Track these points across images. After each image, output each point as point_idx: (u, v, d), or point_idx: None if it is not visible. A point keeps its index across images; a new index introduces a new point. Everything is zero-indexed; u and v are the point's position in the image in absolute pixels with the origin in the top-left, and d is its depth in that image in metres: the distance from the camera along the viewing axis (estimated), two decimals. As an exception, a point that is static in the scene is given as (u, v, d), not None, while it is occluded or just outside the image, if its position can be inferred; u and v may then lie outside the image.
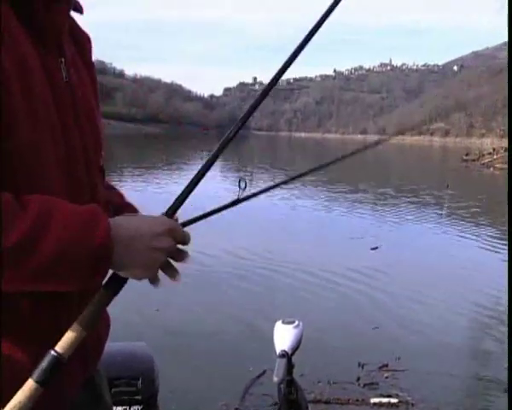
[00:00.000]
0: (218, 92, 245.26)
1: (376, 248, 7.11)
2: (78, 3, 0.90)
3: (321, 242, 7.76)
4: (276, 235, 8.13)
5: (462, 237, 8.42)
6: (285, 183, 1.03)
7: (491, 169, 23.20)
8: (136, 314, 4.24)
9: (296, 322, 2.13)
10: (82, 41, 0.93)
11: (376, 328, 4.24)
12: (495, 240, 8.16)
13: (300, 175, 1.05)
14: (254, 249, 6.85)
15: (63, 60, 0.82)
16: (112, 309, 0.84)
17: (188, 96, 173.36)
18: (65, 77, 0.81)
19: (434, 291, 5.38)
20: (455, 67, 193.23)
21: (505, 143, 31.71)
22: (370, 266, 6.12)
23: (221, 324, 4.27)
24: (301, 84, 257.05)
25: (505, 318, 4.64)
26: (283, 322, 2.14)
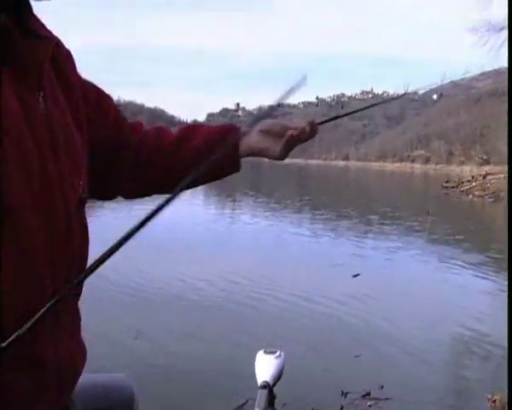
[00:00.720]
0: (202, 117, 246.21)
1: (358, 275, 7.13)
2: (60, 41, 0.91)
3: (303, 269, 7.76)
4: (258, 262, 8.12)
5: (443, 263, 8.49)
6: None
7: (470, 196, 23.53)
8: (115, 344, 4.17)
9: (278, 352, 2.10)
10: (62, 65, 0.92)
11: (358, 356, 4.22)
12: (476, 266, 8.26)
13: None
14: (234, 277, 6.82)
15: (41, 93, 0.82)
16: (89, 338, 0.82)
17: (171, 120, 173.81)
18: (43, 109, 0.81)
19: (416, 319, 5.40)
20: (434, 96, 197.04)
21: (483, 170, 32.31)
22: (352, 294, 6.13)
23: (201, 353, 4.21)
24: (284, 110, 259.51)
25: (487, 345, 4.66)
26: (265, 352, 2.11)
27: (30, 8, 0.83)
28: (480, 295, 6.76)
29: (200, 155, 1.09)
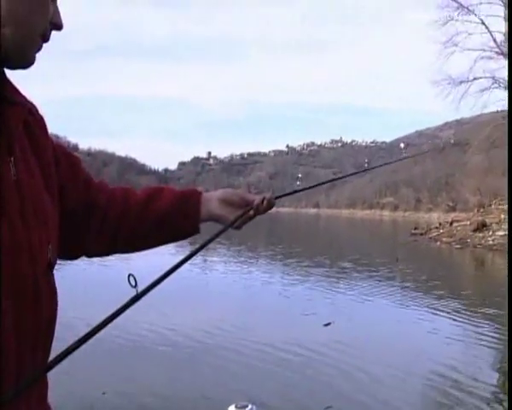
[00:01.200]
0: (173, 166, 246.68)
1: (329, 324, 7.15)
2: (34, 106, 0.94)
3: (275, 318, 7.74)
4: (230, 311, 8.08)
5: (413, 310, 8.58)
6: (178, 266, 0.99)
7: (438, 243, 23.95)
8: (82, 400, 4.07)
9: (249, 406, 2.09)
10: (34, 130, 0.94)
11: (329, 407, 4.21)
12: (446, 312, 8.39)
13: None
14: (205, 327, 6.76)
15: (12, 158, 0.83)
16: (55, 396, 0.83)
17: (142, 169, 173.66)
18: (13, 175, 0.83)
19: (388, 367, 5.42)
20: (401, 145, 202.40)
21: (450, 217, 33.03)
22: (323, 343, 6.14)
23: (171, 408, 4.14)
24: (255, 158, 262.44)
25: (459, 393, 4.71)
26: (236, 407, 2.11)
27: (4, 75, 0.86)
28: (452, 341, 6.83)
29: (165, 218, 1.14)
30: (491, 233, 22.72)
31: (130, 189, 1.19)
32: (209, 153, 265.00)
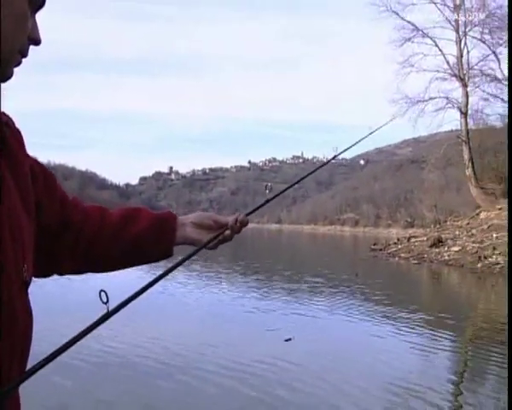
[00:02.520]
0: (135, 181, 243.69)
1: (290, 339, 7.22)
2: (10, 119, 0.94)
3: (236, 334, 7.77)
4: (190, 329, 8.05)
5: (373, 325, 8.76)
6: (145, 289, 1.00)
7: (397, 258, 24.45)
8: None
9: None
10: (10, 145, 0.92)
11: None
12: (405, 326, 8.60)
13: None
14: (164, 344, 6.73)
15: None
16: None
17: (103, 184, 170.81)
18: None
19: (348, 382, 5.50)
20: (361, 161, 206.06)
21: (408, 233, 33.83)
22: (283, 359, 6.20)
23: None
24: (217, 174, 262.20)
25: (415, 403, 4.85)
26: None
27: None
28: (410, 352, 7.00)
29: (140, 241, 1.16)
30: (446, 249, 23.35)
31: (105, 208, 1.19)
32: (171, 168, 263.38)
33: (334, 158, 1.49)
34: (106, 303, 0.89)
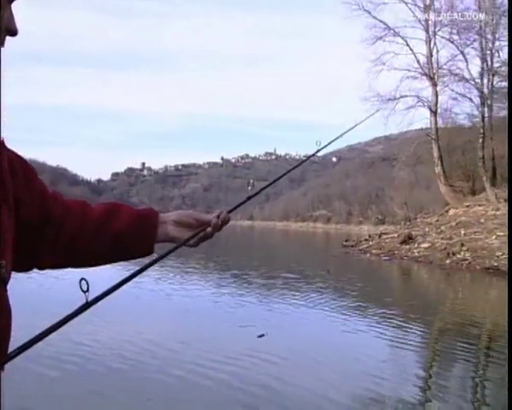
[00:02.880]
0: (106, 177, 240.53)
1: (263, 335, 7.26)
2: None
3: (209, 330, 7.77)
4: (162, 325, 8.02)
5: (343, 319, 8.86)
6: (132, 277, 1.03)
7: (368, 255, 24.76)
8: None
9: None
10: None
11: None
12: (374, 320, 8.75)
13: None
14: (138, 342, 6.69)
15: None
16: None
17: (74, 179, 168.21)
18: None
19: (320, 379, 5.54)
20: (333, 159, 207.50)
21: (379, 230, 34.31)
22: (256, 355, 6.23)
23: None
24: (190, 170, 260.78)
25: (392, 402, 4.93)
26: None
27: None
28: (383, 349, 7.11)
29: (121, 238, 1.15)
30: (416, 245, 23.76)
31: (87, 203, 1.18)
32: (143, 164, 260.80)
33: (318, 151, 1.52)
34: (86, 292, 0.89)
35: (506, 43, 27.63)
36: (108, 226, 1.15)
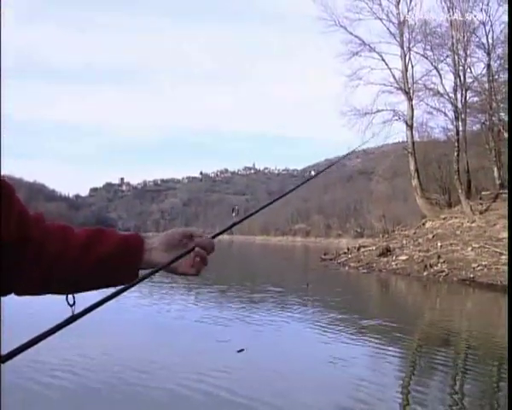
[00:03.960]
0: (85, 192, 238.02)
1: (242, 350, 7.25)
2: None
3: (187, 346, 7.72)
4: (138, 343, 7.95)
5: (322, 333, 8.90)
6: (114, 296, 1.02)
7: (347, 268, 24.91)
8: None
9: None
10: None
11: None
12: (352, 332, 8.80)
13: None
14: (114, 361, 6.62)
15: None
16: None
17: (52, 195, 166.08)
18: None
19: (301, 392, 5.54)
20: (312, 172, 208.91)
21: (358, 242, 34.54)
22: (235, 370, 6.23)
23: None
24: (168, 185, 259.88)
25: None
26: None
27: None
28: (361, 360, 7.15)
29: (105, 263, 1.11)
30: (394, 258, 24.00)
31: (69, 227, 1.14)
32: (122, 179, 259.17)
33: (329, 167, 1.52)
34: (72, 306, 0.91)
35: (477, 59, 28.33)
36: (91, 251, 1.11)
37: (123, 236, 1.17)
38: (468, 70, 28.81)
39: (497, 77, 26.90)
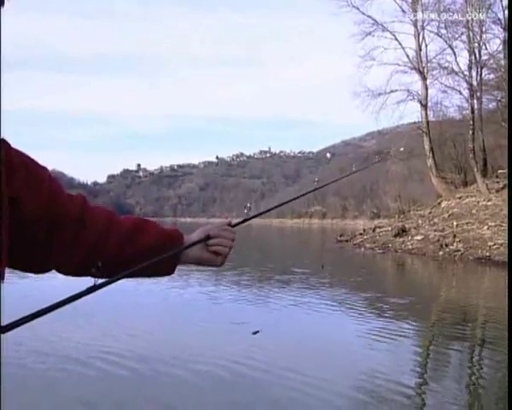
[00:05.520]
0: (102, 179, 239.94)
1: (257, 332, 7.32)
2: None
3: (202, 328, 7.84)
4: (156, 323, 8.09)
5: (338, 313, 9.05)
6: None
7: (362, 249, 24.98)
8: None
9: None
10: None
11: None
12: (370, 313, 8.94)
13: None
14: (132, 342, 6.76)
15: None
16: None
17: (70, 183, 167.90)
18: None
19: (314, 374, 5.53)
20: (328, 155, 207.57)
21: (374, 223, 34.51)
22: (251, 351, 6.32)
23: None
24: (185, 170, 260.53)
25: (382, 391, 5.05)
26: None
27: None
28: (378, 339, 7.14)
29: (150, 253, 1.11)
30: (410, 238, 23.99)
31: (113, 212, 1.15)
32: (139, 165, 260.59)
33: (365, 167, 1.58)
34: (96, 275, 0.95)
35: (493, 36, 27.90)
36: (135, 240, 1.12)
37: (165, 229, 1.20)
38: (484, 47, 28.41)
39: (513, 53, 26.43)
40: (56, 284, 3.71)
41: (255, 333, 7.26)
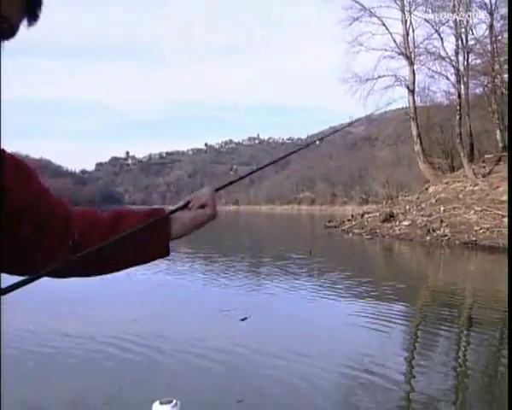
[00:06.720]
0: (91, 167, 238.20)
1: (245, 318, 7.35)
2: None
3: (190, 316, 7.89)
4: (143, 310, 8.11)
5: (326, 299, 9.08)
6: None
7: (351, 234, 25.12)
8: None
9: (174, 401, 2.18)
10: None
11: (241, 401, 4.37)
12: (357, 297, 9.01)
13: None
14: (122, 328, 6.79)
15: None
16: None
17: (58, 171, 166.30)
18: None
19: (303, 357, 5.58)
20: (317, 141, 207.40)
21: (362, 209, 34.66)
22: (239, 338, 6.36)
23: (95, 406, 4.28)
24: (174, 158, 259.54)
25: (370, 376, 5.09)
26: (161, 402, 2.18)
27: None
28: (364, 323, 7.21)
29: (133, 240, 1.09)
30: (397, 223, 24.16)
31: (94, 210, 1.15)
32: (127, 153, 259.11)
33: (335, 132, 1.63)
34: None
35: (479, 21, 27.94)
36: (119, 226, 1.10)
37: (148, 210, 1.18)
38: (470, 32, 28.46)
39: (500, 37, 26.55)
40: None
41: (243, 320, 7.28)
